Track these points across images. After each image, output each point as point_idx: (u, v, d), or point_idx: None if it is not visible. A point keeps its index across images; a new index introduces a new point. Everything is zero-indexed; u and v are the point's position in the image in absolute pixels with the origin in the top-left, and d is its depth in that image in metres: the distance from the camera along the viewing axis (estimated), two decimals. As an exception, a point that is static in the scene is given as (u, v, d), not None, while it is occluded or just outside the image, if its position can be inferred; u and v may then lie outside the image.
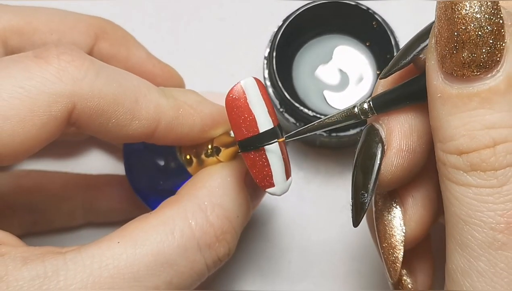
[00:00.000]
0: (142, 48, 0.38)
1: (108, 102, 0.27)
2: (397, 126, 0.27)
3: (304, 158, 0.43)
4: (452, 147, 0.24)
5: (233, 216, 0.29)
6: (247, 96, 0.27)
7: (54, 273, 0.25)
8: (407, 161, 0.27)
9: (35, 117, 0.26)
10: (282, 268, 0.41)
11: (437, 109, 0.24)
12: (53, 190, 0.38)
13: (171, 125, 0.29)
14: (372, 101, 0.27)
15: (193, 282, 0.28)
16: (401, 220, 0.29)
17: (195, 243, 0.28)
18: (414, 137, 0.27)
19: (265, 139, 0.27)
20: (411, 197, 0.29)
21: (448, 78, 0.23)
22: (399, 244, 0.29)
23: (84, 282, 0.25)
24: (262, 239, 0.41)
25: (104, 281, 0.25)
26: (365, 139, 0.28)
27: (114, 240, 0.27)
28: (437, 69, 0.24)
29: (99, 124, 0.28)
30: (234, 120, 0.27)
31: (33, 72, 0.26)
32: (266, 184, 0.28)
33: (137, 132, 0.29)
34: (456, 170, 0.24)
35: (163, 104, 0.29)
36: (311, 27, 0.41)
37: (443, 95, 0.24)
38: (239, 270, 0.41)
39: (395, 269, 0.29)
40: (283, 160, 0.28)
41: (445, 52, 0.23)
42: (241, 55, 0.44)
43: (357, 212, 0.27)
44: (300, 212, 0.42)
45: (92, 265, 0.25)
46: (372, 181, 0.27)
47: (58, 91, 0.26)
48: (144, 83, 0.29)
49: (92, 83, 0.27)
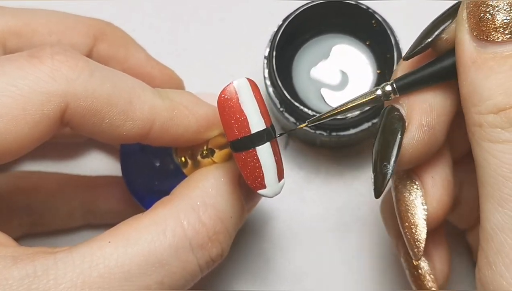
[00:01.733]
0: (141, 50, 0.38)
1: (101, 103, 0.28)
2: (418, 104, 0.28)
3: (304, 158, 0.43)
4: (490, 105, 0.25)
5: (226, 216, 0.29)
6: (239, 96, 0.27)
7: (44, 272, 0.25)
8: (427, 136, 0.28)
9: (27, 116, 0.26)
10: (282, 268, 0.41)
11: (471, 76, 0.25)
12: (51, 191, 0.38)
13: (165, 126, 0.29)
14: (395, 82, 0.28)
15: (185, 283, 0.28)
16: (422, 200, 0.30)
17: (187, 243, 0.27)
18: (434, 115, 0.28)
19: (257, 140, 0.27)
20: (430, 177, 0.30)
21: (482, 44, 0.25)
22: (422, 222, 0.30)
23: (73, 282, 0.25)
24: (262, 239, 0.41)
25: (94, 281, 0.25)
26: (386, 118, 0.29)
27: (105, 240, 0.27)
28: (470, 38, 0.25)
29: (92, 124, 0.28)
30: (225, 120, 0.27)
31: (26, 71, 0.26)
32: (258, 186, 0.27)
33: (131, 133, 0.29)
34: (494, 128, 0.25)
35: (157, 105, 0.29)
36: (311, 26, 0.41)
37: (478, 61, 0.25)
38: (239, 270, 0.41)
39: (419, 247, 0.30)
40: (276, 161, 0.28)
41: (478, 19, 0.25)
42: (241, 55, 0.44)
43: (379, 183, 0.28)
44: (300, 212, 0.42)
45: (82, 265, 0.25)
46: (395, 153, 0.28)
47: (51, 90, 0.27)
48: (138, 84, 0.29)
49: (86, 83, 0.27)
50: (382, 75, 0.40)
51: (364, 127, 0.38)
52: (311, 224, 0.41)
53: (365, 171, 0.42)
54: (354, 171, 0.42)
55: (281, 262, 0.41)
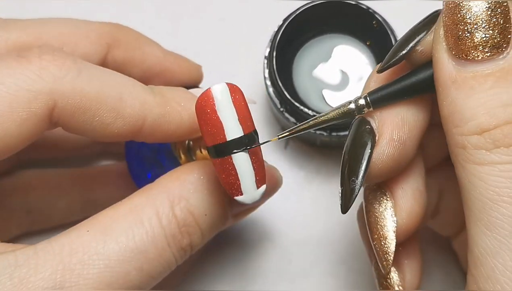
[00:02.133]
0: (156, 47, 0.38)
1: (90, 100, 0.28)
2: (389, 118, 0.28)
3: (305, 158, 0.43)
4: (473, 126, 0.24)
5: (199, 212, 0.29)
6: (215, 102, 0.26)
7: (25, 261, 0.25)
8: (397, 151, 0.27)
9: (14, 114, 0.26)
10: (282, 268, 0.41)
11: (451, 96, 0.24)
12: (48, 186, 0.38)
13: (157, 123, 0.29)
14: (369, 96, 0.27)
15: (162, 270, 0.28)
16: (392, 211, 0.29)
17: (162, 232, 0.28)
18: (405, 129, 0.28)
19: (232, 148, 0.26)
20: (401, 189, 0.29)
21: (461, 63, 0.24)
22: (391, 235, 0.29)
23: (54, 268, 0.25)
24: (262, 238, 0.41)
25: (74, 268, 0.26)
26: (356, 130, 0.28)
27: (83, 229, 0.27)
28: (448, 57, 0.25)
29: (83, 122, 0.28)
30: (202, 126, 0.27)
31: (14, 70, 0.27)
32: (234, 192, 0.27)
33: (123, 130, 0.29)
34: (478, 150, 0.24)
35: (149, 101, 0.29)
36: (312, 26, 0.41)
37: (458, 80, 0.24)
38: (239, 270, 0.41)
39: (388, 260, 0.29)
40: (255, 168, 0.27)
41: (456, 37, 0.24)
42: (241, 55, 0.44)
43: (347, 198, 0.27)
44: (301, 212, 0.42)
45: (62, 253, 0.26)
46: (363, 167, 0.27)
47: (38, 88, 0.27)
48: (129, 81, 0.29)
49: (73, 81, 0.28)
50: (382, 75, 0.40)
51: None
52: (311, 224, 0.41)
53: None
54: (354, 171, 0.42)
55: (281, 262, 0.41)
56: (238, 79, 0.43)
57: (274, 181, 0.33)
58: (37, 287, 0.25)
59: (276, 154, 0.43)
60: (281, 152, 0.43)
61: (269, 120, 0.43)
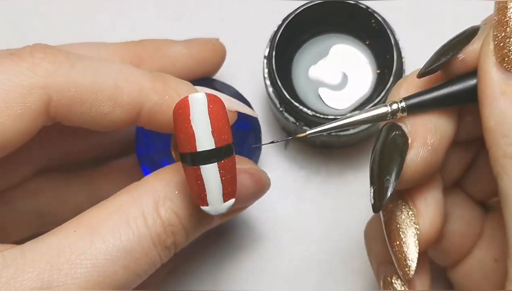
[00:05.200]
0: (178, 46, 0.38)
1: (86, 91, 0.28)
2: (422, 123, 0.28)
3: (305, 158, 0.43)
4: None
5: (184, 213, 0.29)
6: (190, 112, 0.26)
7: (13, 261, 0.26)
8: (430, 156, 0.28)
9: (9, 109, 0.27)
10: (282, 268, 0.41)
11: (500, 107, 0.25)
12: (57, 189, 0.38)
13: (153, 110, 0.30)
14: (405, 102, 0.28)
15: (148, 268, 0.29)
16: (414, 220, 0.29)
17: (148, 232, 0.28)
18: (438, 136, 0.28)
19: (202, 159, 0.26)
20: (424, 198, 0.29)
21: (510, 75, 0.25)
22: (413, 242, 0.29)
23: (41, 268, 0.26)
24: (262, 238, 0.41)
25: (61, 267, 0.26)
26: (387, 133, 0.28)
27: (70, 229, 0.27)
28: (497, 69, 0.25)
29: (81, 114, 0.28)
30: (177, 131, 0.27)
31: (7, 66, 0.27)
32: (200, 202, 0.27)
33: (121, 118, 0.29)
34: None
35: (147, 87, 0.29)
36: (311, 26, 0.41)
37: (507, 92, 0.25)
38: (239, 269, 0.41)
39: (410, 266, 0.29)
40: (224, 181, 0.27)
41: (508, 50, 0.25)
42: (241, 55, 0.44)
43: (381, 196, 0.27)
44: (300, 212, 0.42)
45: (50, 252, 0.26)
46: (398, 167, 0.27)
47: (32, 83, 0.27)
48: (125, 68, 0.30)
49: (67, 74, 0.28)
50: (382, 75, 0.40)
51: (364, 127, 0.38)
52: (311, 224, 0.41)
53: (365, 171, 0.42)
54: (354, 171, 0.42)
55: (281, 262, 0.41)
56: (238, 79, 0.43)
57: (261, 184, 0.33)
58: (25, 287, 0.25)
59: (276, 154, 0.43)
60: (281, 152, 0.43)
61: (269, 120, 0.43)
